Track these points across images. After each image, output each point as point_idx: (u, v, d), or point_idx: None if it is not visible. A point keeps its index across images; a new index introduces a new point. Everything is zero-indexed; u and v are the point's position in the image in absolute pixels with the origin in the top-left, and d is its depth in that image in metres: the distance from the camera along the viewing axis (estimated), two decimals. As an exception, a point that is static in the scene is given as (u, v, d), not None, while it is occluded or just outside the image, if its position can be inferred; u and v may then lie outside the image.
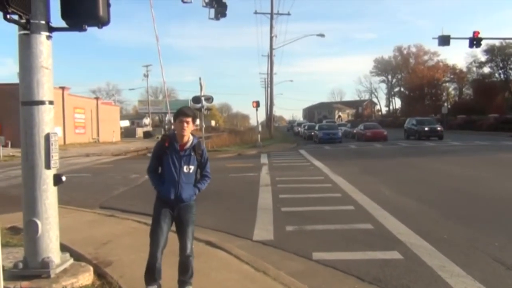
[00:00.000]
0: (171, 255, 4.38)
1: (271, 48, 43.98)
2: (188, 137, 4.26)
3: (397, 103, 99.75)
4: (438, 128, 35.56)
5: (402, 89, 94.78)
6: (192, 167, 4.24)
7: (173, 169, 4.18)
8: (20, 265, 4.58)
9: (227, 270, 5.33)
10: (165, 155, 4.22)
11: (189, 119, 4.21)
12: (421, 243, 6.41)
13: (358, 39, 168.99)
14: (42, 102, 4.49)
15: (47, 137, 4.52)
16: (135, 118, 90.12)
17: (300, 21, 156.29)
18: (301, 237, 7.01)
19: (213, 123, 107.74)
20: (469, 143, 29.53)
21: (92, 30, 4.61)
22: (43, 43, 4.47)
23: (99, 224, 7.91)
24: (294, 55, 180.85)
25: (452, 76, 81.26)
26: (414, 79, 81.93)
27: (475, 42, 27.40)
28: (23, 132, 4.52)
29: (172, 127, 4.39)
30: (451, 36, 27.95)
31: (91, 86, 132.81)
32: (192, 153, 4.25)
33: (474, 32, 27.21)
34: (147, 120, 79.56)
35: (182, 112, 4.25)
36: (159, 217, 4.23)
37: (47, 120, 4.55)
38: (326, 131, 36.44)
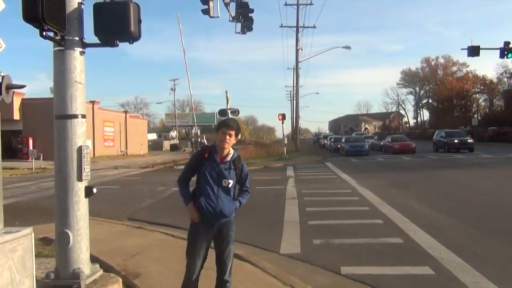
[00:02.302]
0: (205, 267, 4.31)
1: (297, 61, 44.08)
2: (229, 150, 4.06)
3: (425, 115, 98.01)
4: (469, 140, 34.68)
5: (430, 101, 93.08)
6: (231, 182, 4.02)
7: (212, 182, 3.95)
8: (52, 276, 4.67)
9: (254, 283, 5.30)
10: (203, 166, 3.99)
11: (233, 132, 4.01)
12: (453, 258, 6.23)
13: (385, 50, 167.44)
14: (75, 116, 4.61)
15: (80, 150, 4.63)
16: (162, 131, 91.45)
17: (326, 33, 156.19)
18: (329, 251, 6.92)
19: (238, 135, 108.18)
20: (501, 155, 28.66)
21: (121, 45, 4.73)
22: (77, 59, 4.60)
23: (128, 235, 8.01)
24: (320, 67, 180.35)
25: (482, 87, 79.36)
26: (442, 91, 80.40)
27: (506, 52, 26.73)
28: (57, 145, 4.64)
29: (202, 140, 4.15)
30: (481, 46, 27.38)
31: (120, 100, 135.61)
32: (232, 167, 4.04)
33: (505, 42, 26.58)
34: (174, 133, 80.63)
35: (226, 124, 4.08)
36: (196, 238, 4.02)
37: (80, 133, 4.66)
38: (352, 144, 36.08)
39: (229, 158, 4.05)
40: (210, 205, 3.95)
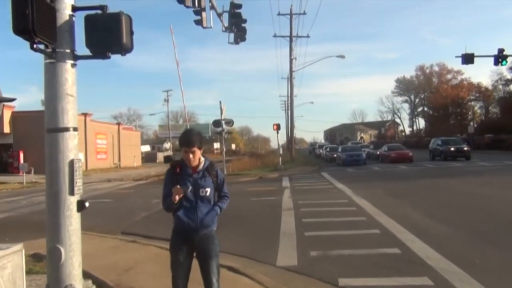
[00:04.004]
0: (194, 282, 4.31)
1: (291, 71, 44.28)
2: (199, 161, 4.03)
3: (421, 123, 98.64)
4: (465, 148, 34.89)
5: (425, 109, 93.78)
6: (208, 190, 3.99)
7: (189, 195, 3.94)
8: (43, 292, 4.61)
9: (250, 297, 5.27)
10: (178, 181, 3.95)
11: (195, 149, 3.93)
12: (452, 268, 6.22)
13: (379, 59, 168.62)
14: (66, 129, 4.59)
15: (71, 164, 4.60)
16: (156, 143, 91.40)
17: (320, 42, 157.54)
18: (326, 263, 6.89)
19: (233, 146, 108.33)
20: (498, 163, 28.83)
21: (114, 57, 4.73)
22: (68, 71, 4.60)
23: (121, 250, 7.96)
24: (314, 76, 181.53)
25: (477, 95, 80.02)
26: (437, 99, 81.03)
27: (500, 60, 27.01)
28: (48, 159, 4.62)
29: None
30: (475, 54, 27.65)
31: (112, 112, 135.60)
32: (207, 175, 4.02)
33: (499, 49, 26.88)
34: (167, 145, 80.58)
35: (185, 142, 3.96)
36: (177, 252, 3.99)
37: (71, 147, 4.64)
38: (349, 153, 36.01)
39: (201, 167, 4.03)
40: (189, 217, 3.94)
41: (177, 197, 3.87)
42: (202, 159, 4.06)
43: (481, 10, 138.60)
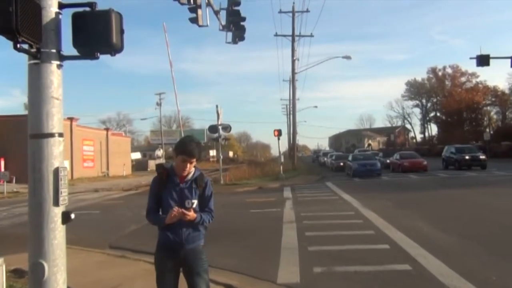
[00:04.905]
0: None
1: (293, 73, 44.41)
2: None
3: (433, 129, 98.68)
4: (481, 157, 34.86)
5: (438, 114, 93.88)
6: (195, 202, 4.00)
7: (174, 205, 3.93)
8: (25, 311, 4.60)
9: (249, 317, 5.26)
10: (164, 189, 4.03)
11: (194, 160, 3.99)
12: (467, 286, 6.21)
13: (388, 60, 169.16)
14: (51, 135, 4.60)
15: (56, 172, 4.60)
16: (147, 149, 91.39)
17: (324, 42, 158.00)
18: (331, 280, 6.89)
19: (231, 154, 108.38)
20: (517, 172, 28.89)
21: (102, 57, 4.74)
22: (54, 73, 4.61)
23: (109, 265, 7.95)
24: (318, 79, 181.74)
25: (493, 99, 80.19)
26: (451, 103, 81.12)
27: (517, 62, 27.07)
28: (31, 167, 4.62)
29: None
30: (491, 55, 27.75)
31: (100, 116, 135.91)
32: (194, 185, 4.04)
33: (516, 51, 26.99)
34: (160, 152, 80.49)
35: (187, 151, 3.98)
36: (162, 268, 4.05)
37: (56, 154, 4.64)
38: (361, 162, 33.83)
39: (189, 176, 4.05)
40: (174, 232, 3.96)
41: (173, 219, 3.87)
42: (193, 169, 4.08)
43: (495, 10, 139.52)
